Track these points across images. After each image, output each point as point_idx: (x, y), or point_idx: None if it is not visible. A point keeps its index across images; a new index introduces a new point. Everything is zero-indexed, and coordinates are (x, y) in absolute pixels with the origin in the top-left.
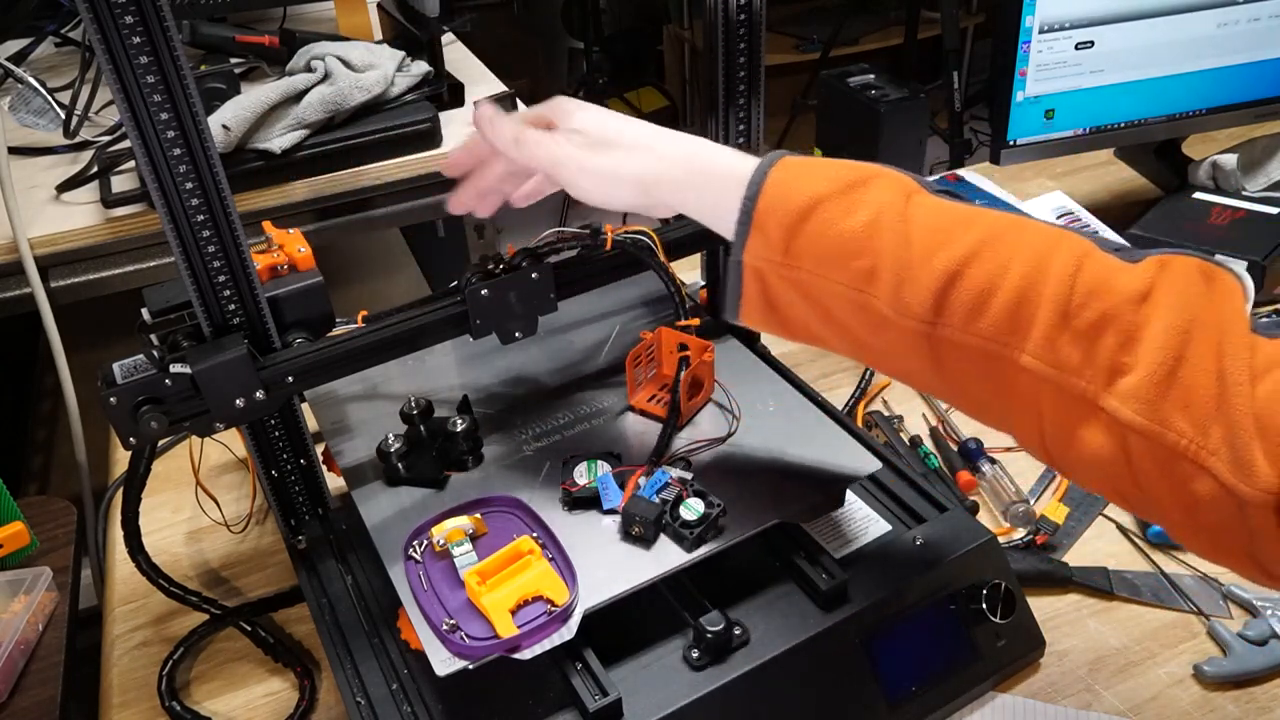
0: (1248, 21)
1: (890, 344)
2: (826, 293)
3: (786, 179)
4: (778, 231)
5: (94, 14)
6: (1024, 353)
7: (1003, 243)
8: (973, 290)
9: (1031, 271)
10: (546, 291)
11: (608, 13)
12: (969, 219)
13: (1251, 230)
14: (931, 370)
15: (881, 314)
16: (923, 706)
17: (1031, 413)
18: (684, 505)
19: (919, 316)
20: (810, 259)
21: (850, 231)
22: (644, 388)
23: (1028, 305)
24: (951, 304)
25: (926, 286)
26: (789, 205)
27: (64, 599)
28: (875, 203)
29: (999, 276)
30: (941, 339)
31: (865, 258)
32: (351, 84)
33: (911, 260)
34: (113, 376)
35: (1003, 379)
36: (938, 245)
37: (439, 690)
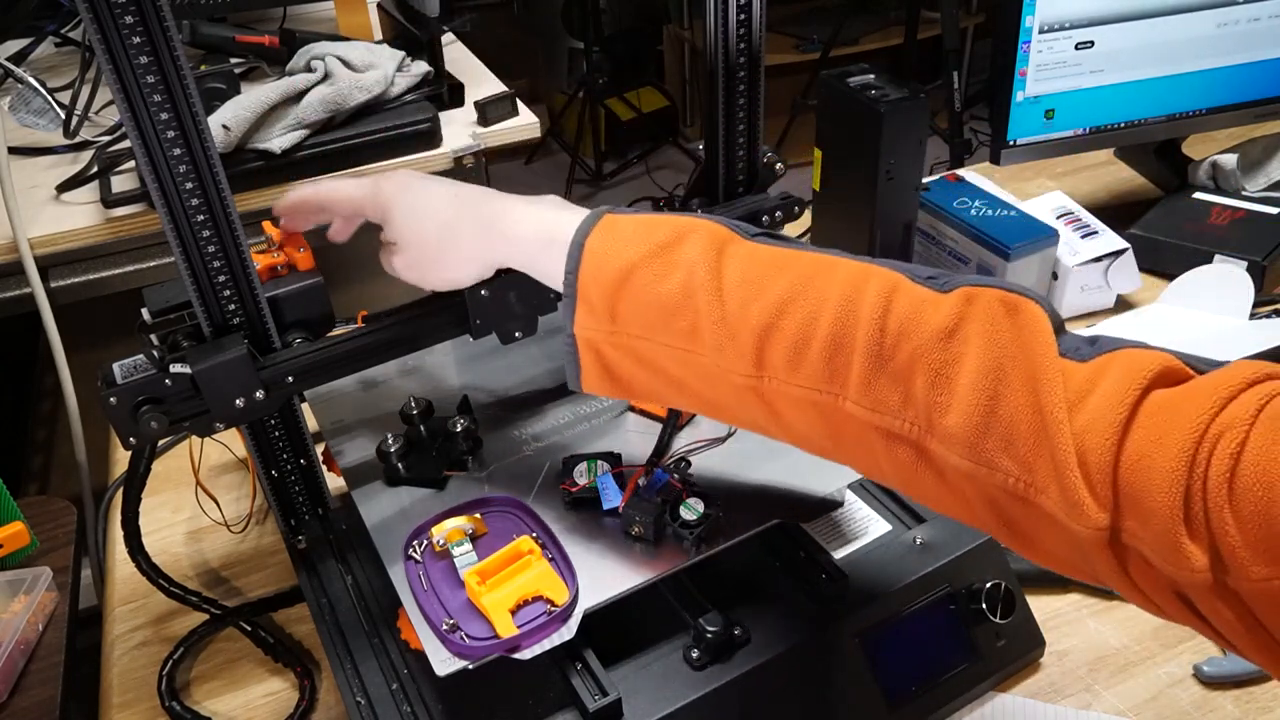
0: (1248, 21)
1: (727, 398)
2: (659, 354)
3: (602, 246)
4: (600, 301)
5: (94, 14)
6: (846, 399)
7: (812, 288)
8: (787, 342)
9: (842, 316)
10: (546, 291)
11: (608, 13)
12: (780, 266)
13: (1251, 230)
14: (771, 420)
15: (710, 370)
16: (923, 706)
17: (869, 455)
18: (684, 505)
19: (742, 372)
20: (635, 324)
21: (667, 294)
22: None
23: (842, 352)
24: (770, 357)
25: (745, 342)
26: (606, 273)
27: (64, 599)
28: (687, 262)
29: (811, 325)
30: (769, 391)
31: (684, 317)
32: (351, 84)
33: (726, 316)
34: (113, 376)
35: (834, 424)
36: (750, 297)
37: (439, 690)
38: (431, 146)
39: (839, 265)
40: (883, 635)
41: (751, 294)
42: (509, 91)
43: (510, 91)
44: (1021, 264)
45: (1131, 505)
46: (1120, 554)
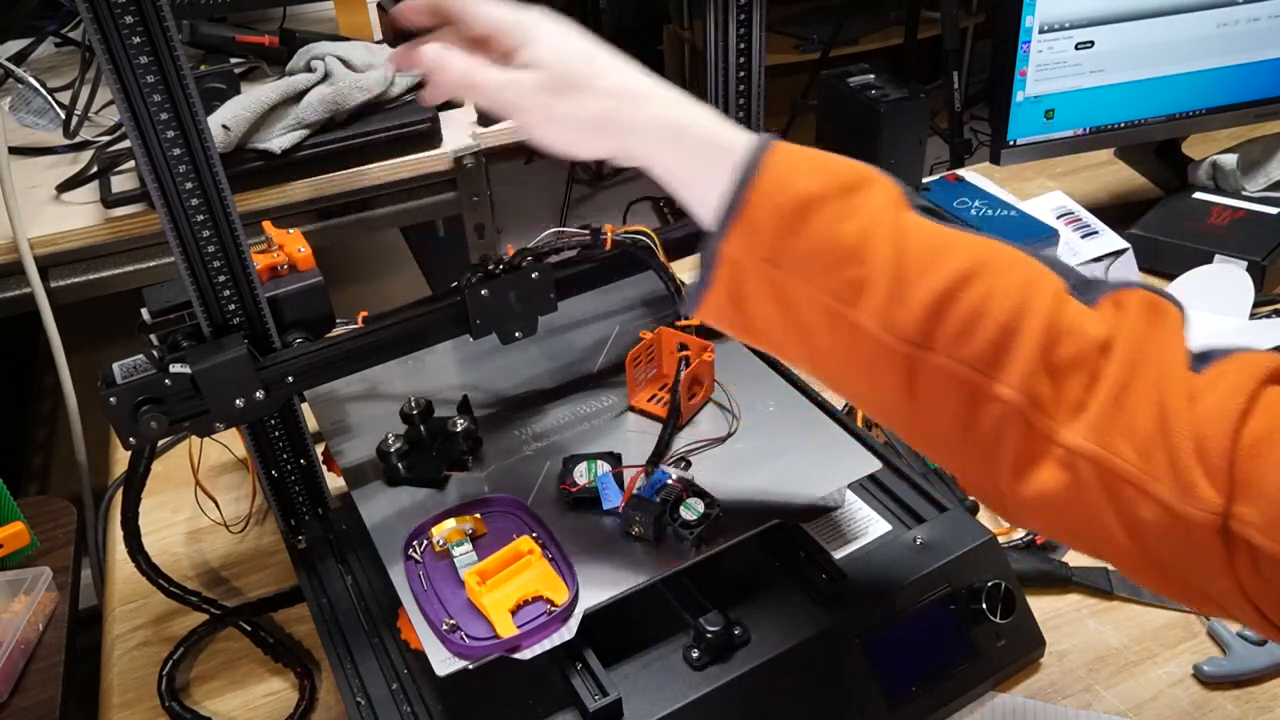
0: (1248, 21)
1: (860, 360)
2: (804, 298)
3: (783, 169)
4: (769, 224)
5: (94, 14)
6: (1001, 382)
7: (990, 270)
8: (963, 315)
9: (1019, 303)
10: (546, 291)
11: (608, 13)
12: (955, 241)
13: (1251, 230)
14: (900, 393)
15: (862, 328)
16: (923, 706)
17: (991, 446)
18: (684, 505)
19: (906, 336)
20: (796, 260)
21: (845, 238)
22: (644, 388)
23: (1014, 335)
24: (941, 326)
25: (918, 306)
26: (784, 198)
27: (64, 599)
28: (870, 211)
29: (988, 303)
30: (922, 361)
31: (857, 267)
32: (351, 84)
33: (905, 277)
34: (113, 376)
35: (973, 408)
36: (928, 265)
37: (439, 690)
38: (431, 146)
39: (1012, 253)
40: (883, 635)
41: (930, 262)
42: None
43: None
44: None
45: (1245, 490)
46: (1229, 544)
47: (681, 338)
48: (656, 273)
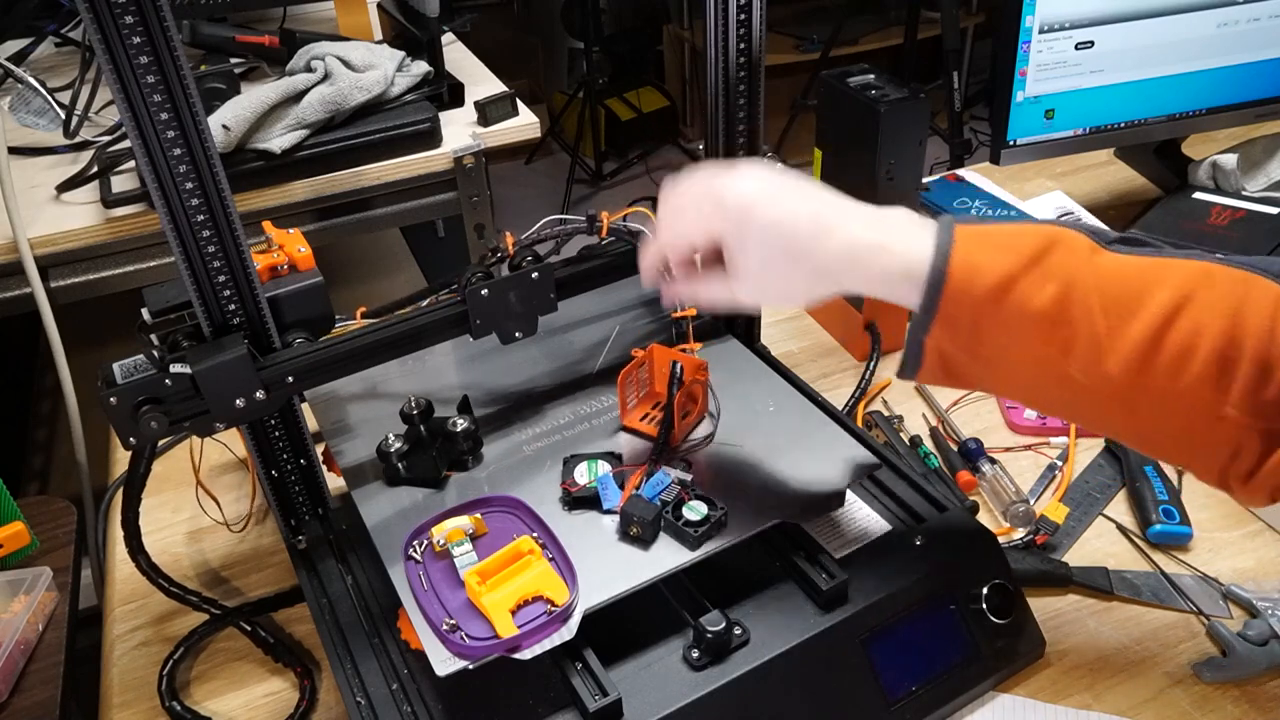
0: (1248, 21)
1: (1080, 401)
2: (1012, 364)
3: (971, 259)
4: (967, 317)
5: (94, 14)
6: (1228, 404)
7: (1196, 301)
8: (1173, 353)
9: (1229, 328)
10: (546, 291)
11: (608, 13)
12: (1156, 276)
13: (1251, 230)
14: (1124, 421)
15: (1075, 380)
16: (923, 706)
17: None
18: (687, 507)
19: (1120, 381)
20: (999, 337)
21: (1043, 308)
22: (636, 407)
23: (1229, 362)
24: (1153, 367)
25: (1126, 354)
26: (977, 289)
27: (64, 599)
28: (1062, 272)
29: (1197, 336)
30: (1140, 396)
31: (1061, 330)
32: (351, 84)
33: (1109, 327)
34: (113, 376)
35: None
36: (1131, 310)
37: (439, 690)
38: (431, 146)
39: (1215, 273)
40: (883, 635)
41: (1131, 308)
42: (509, 91)
43: (510, 91)
44: None
45: None
46: None
47: (674, 355)
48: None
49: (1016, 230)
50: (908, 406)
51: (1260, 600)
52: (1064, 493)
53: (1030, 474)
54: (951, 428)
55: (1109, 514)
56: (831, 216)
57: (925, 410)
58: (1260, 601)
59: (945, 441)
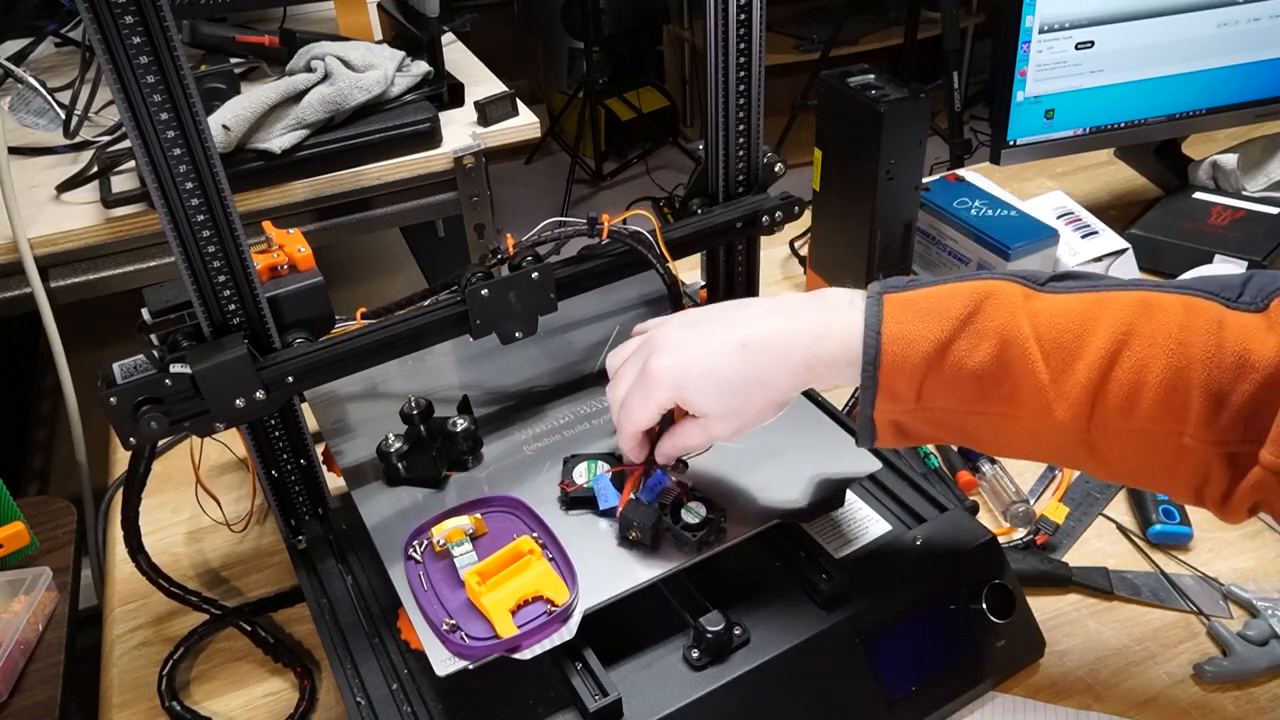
0: (1248, 21)
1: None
2: (967, 421)
3: (900, 333)
4: (906, 387)
5: (94, 14)
6: (1187, 435)
7: (1136, 336)
8: (1120, 392)
9: (1174, 360)
10: (546, 291)
11: (608, 13)
12: (1094, 315)
13: (1251, 230)
14: (1091, 460)
15: (1029, 428)
16: (923, 706)
17: (1194, 479)
18: (685, 509)
19: (1070, 426)
20: (944, 400)
21: (979, 367)
22: None
23: (1178, 394)
24: (1101, 408)
25: (1074, 399)
26: (911, 360)
27: (64, 599)
28: (996, 327)
29: (1142, 371)
30: (1097, 438)
31: (1005, 384)
32: (351, 84)
33: (1052, 379)
34: (113, 376)
35: (1165, 455)
36: (1073, 354)
37: (439, 690)
38: (431, 146)
39: (1154, 303)
40: (883, 635)
41: (1072, 352)
42: (509, 91)
43: (510, 91)
44: (1021, 264)
45: None
46: None
47: None
48: (654, 265)
49: (946, 292)
50: None
51: (1260, 600)
52: (1064, 493)
53: (1030, 474)
54: None
55: (1109, 514)
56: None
57: None
58: (1260, 601)
59: None
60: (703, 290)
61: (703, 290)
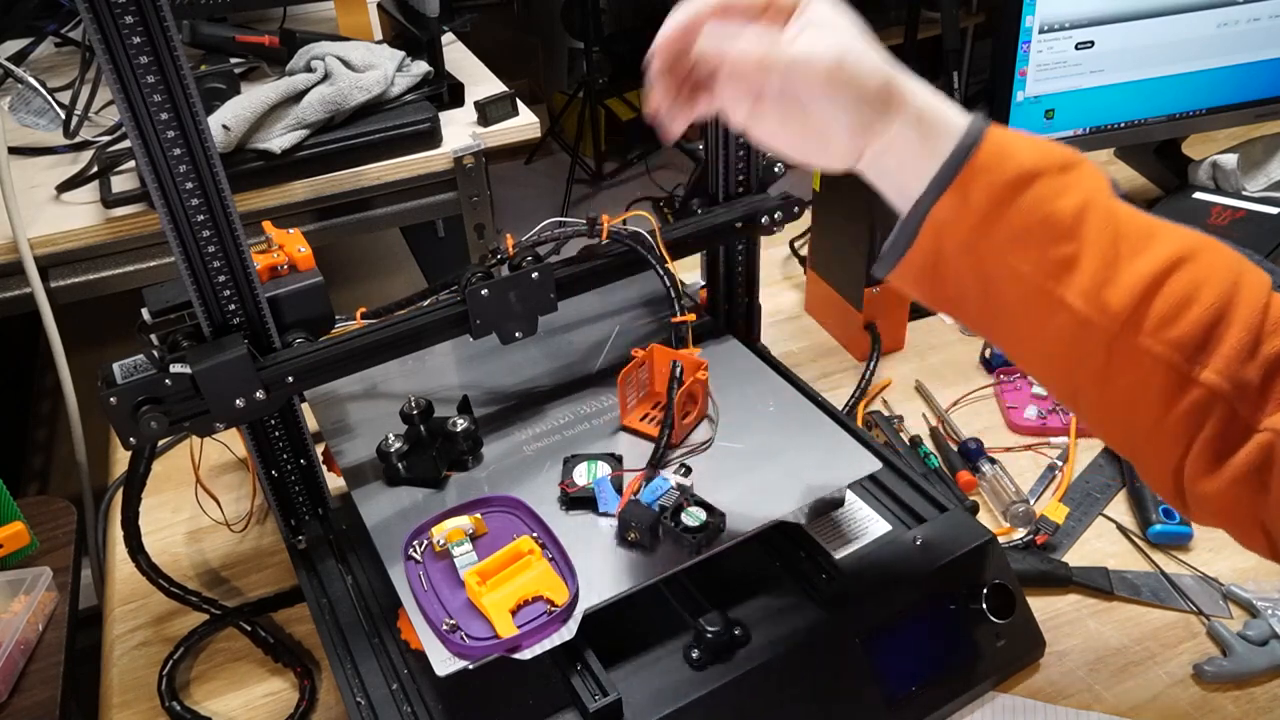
0: (1248, 21)
1: (1056, 338)
2: (1006, 272)
3: (1001, 143)
4: (983, 195)
5: (94, 14)
6: (1208, 368)
7: (1201, 258)
8: (1172, 299)
9: (1228, 291)
10: (546, 291)
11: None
12: (1165, 228)
13: (1251, 230)
14: (1094, 374)
15: (1066, 304)
16: (923, 706)
17: (1184, 431)
18: (685, 513)
19: (1114, 315)
20: (1006, 233)
21: (1060, 214)
22: (636, 407)
23: (1222, 323)
24: (1151, 307)
25: (1129, 285)
26: (1004, 171)
27: (64, 599)
28: (1084, 189)
29: (1197, 290)
30: (1124, 341)
31: (1070, 244)
32: (351, 84)
33: (1118, 256)
34: (113, 376)
35: (1172, 393)
36: (1141, 247)
37: (439, 690)
38: (431, 146)
39: (1218, 245)
40: (883, 635)
41: (1142, 244)
42: (509, 91)
43: (510, 91)
44: None
45: None
46: None
47: (674, 355)
48: (653, 266)
49: (1049, 141)
50: (908, 407)
51: (1260, 600)
52: (1064, 493)
53: (1030, 474)
54: (951, 428)
55: (1109, 514)
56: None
57: (925, 410)
58: (1260, 601)
59: (945, 441)
60: (703, 290)
61: (703, 290)
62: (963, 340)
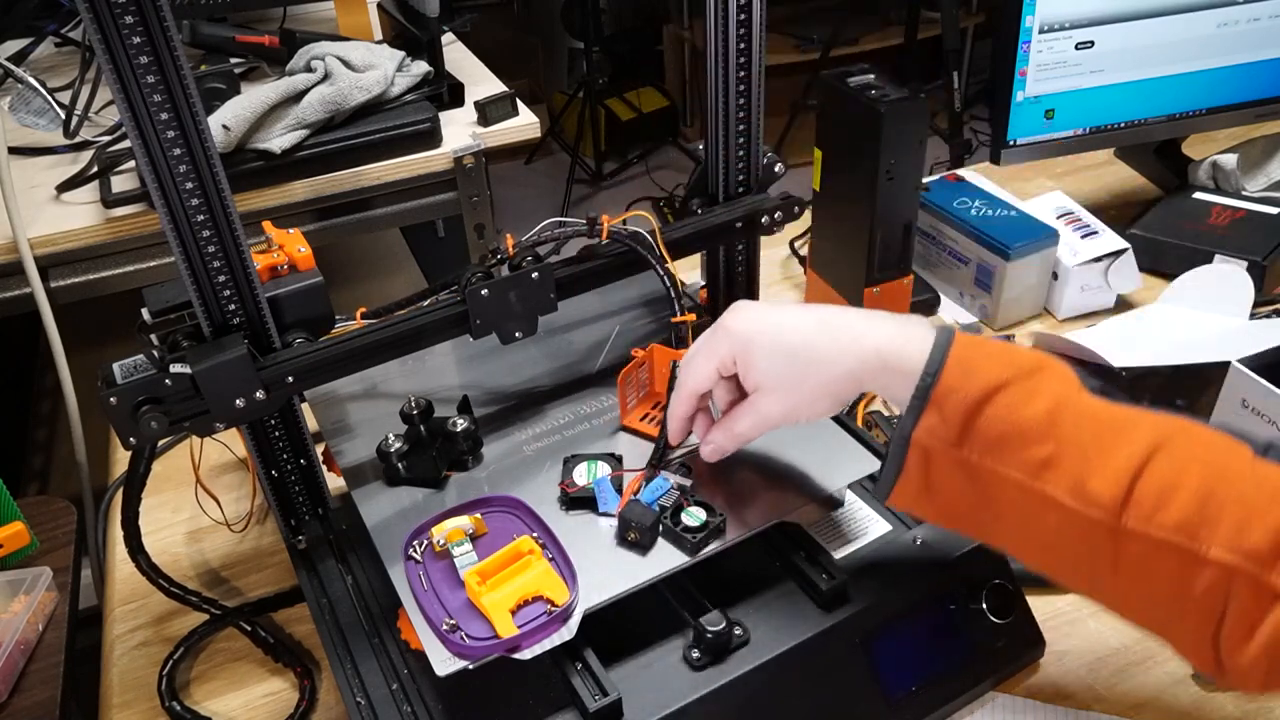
0: (1248, 21)
1: (1062, 535)
2: (996, 478)
3: (967, 358)
4: (957, 412)
5: (94, 14)
6: (1214, 545)
7: (1177, 443)
8: (1159, 483)
9: (1213, 469)
10: (546, 291)
11: (608, 13)
12: (1136, 418)
13: (1251, 230)
14: (1106, 565)
15: (1058, 503)
16: (923, 706)
17: (1210, 608)
18: (685, 513)
19: (1105, 506)
20: (985, 443)
21: (1031, 418)
22: (636, 407)
23: (1213, 501)
24: (1139, 494)
25: (1113, 477)
26: (970, 387)
27: (64, 599)
28: (1051, 392)
29: (1182, 473)
30: (1125, 531)
31: (1046, 445)
32: (351, 84)
33: (1096, 449)
34: (113, 376)
35: (1186, 573)
36: (1116, 440)
37: (439, 690)
38: (431, 146)
39: (1194, 427)
40: (883, 635)
41: (1117, 435)
42: (509, 91)
43: (510, 91)
44: (1021, 264)
45: None
46: None
47: (675, 355)
48: (654, 266)
49: (1012, 346)
50: None
51: None
52: None
53: None
54: None
55: None
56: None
57: None
58: None
59: None
60: (703, 290)
61: (703, 290)
62: None
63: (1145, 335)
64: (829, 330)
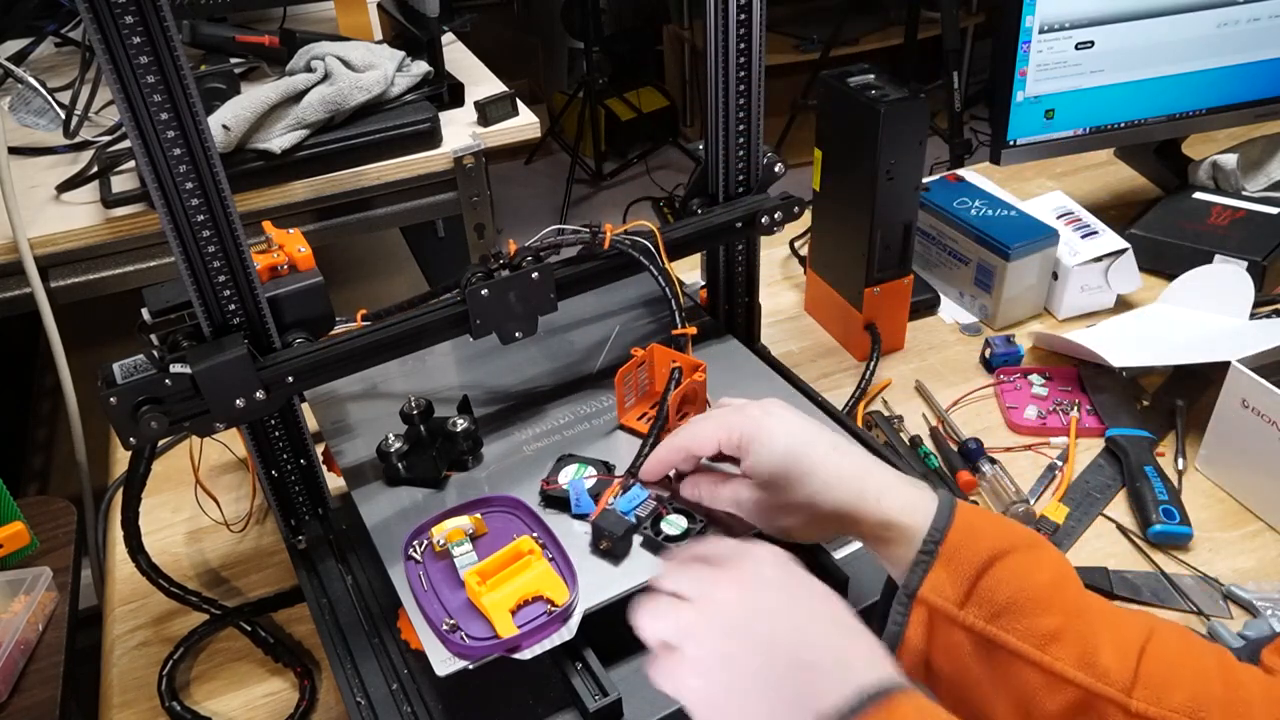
0: (1248, 21)
1: (1067, 711)
2: (1002, 648)
3: (976, 519)
4: (965, 569)
5: (94, 14)
6: None
7: (1167, 628)
8: (1166, 661)
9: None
10: (546, 291)
11: (608, 13)
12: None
13: (1251, 230)
14: None
15: (1064, 676)
16: None
17: None
18: (665, 521)
19: (1115, 681)
20: (992, 607)
21: (1037, 586)
22: (634, 406)
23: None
24: (1147, 673)
25: (1120, 655)
26: (980, 544)
27: (64, 599)
28: (1053, 566)
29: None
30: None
31: (1053, 615)
32: (351, 84)
33: (1103, 629)
34: (113, 376)
35: None
36: (1113, 621)
37: (439, 690)
38: (431, 146)
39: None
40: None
41: (1112, 617)
42: (509, 91)
43: (510, 91)
44: (1021, 264)
45: None
46: None
47: (673, 355)
48: (655, 278)
49: (1012, 522)
50: (908, 407)
51: (1260, 600)
52: (1064, 493)
53: (1030, 474)
54: (951, 428)
55: (1109, 514)
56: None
57: (925, 410)
58: (1260, 601)
59: (945, 441)
60: (703, 290)
61: (703, 290)
62: (962, 340)
63: (1145, 335)
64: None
